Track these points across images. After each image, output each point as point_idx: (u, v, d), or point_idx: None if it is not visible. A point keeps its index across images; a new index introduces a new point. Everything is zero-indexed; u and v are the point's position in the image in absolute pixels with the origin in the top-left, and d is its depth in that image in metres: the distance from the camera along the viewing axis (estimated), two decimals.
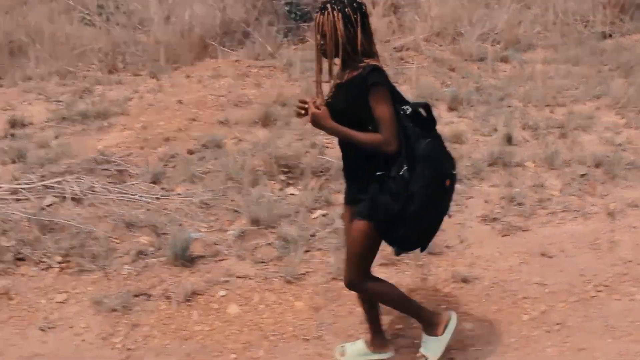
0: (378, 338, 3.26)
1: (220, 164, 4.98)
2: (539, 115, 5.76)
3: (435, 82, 6.45)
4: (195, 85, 6.58)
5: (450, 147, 5.08)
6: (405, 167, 2.69)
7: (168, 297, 3.80)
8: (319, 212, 4.48)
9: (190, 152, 5.30)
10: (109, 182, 4.83)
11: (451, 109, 5.90)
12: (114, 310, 3.69)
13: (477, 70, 6.89)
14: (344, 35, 2.67)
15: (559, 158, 4.93)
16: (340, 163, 3.03)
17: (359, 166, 2.86)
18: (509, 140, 5.21)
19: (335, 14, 2.66)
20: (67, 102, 6.45)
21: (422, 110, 2.83)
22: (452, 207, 3.08)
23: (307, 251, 4.10)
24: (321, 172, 4.88)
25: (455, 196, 4.44)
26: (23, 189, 4.80)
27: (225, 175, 4.83)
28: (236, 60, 7.12)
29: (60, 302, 3.85)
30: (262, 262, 4.04)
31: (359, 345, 3.27)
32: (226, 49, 7.57)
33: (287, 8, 8.15)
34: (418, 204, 2.71)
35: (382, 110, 2.68)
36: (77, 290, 3.91)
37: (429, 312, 3.17)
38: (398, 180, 2.69)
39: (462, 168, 4.87)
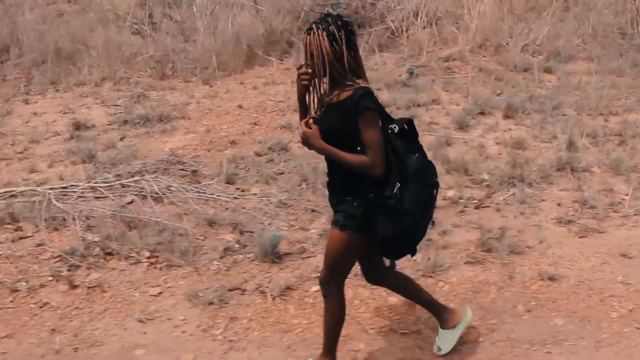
0: (443, 314, 3.33)
1: (292, 166, 5.05)
2: (595, 123, 5.85)
3: (484, 91, 6.54)
4: (251, 91, 6.66)
5: (513, 152, 5.26)
6: (398, 185, 2.73)
7: (262, 292, 3.85)
8: None
9: (258, 154, 5.36)
10: (186, 182, 4.90)
11: (507, 117, 5.98)
12: (211, 303, 3.74)
13: (523, 80, 6.98)
14: (330, 53, 2.67)
15: (624, 164, 5.01)
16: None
17: (340, 181, 2.88)
18: (570, 146, 5.28)
19: (320, 33, 2.67)
20: (125, 106, 6.53)
21: (405, 126, 2.86)
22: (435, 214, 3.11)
23: None
24: None
25: (527, 199, 4.59)
26: (100, 187, 4.86)
27: (299, 176, 4.90)
28: (287, 68, 7.21)
29: (154, 295, 3.90)
30: None
31: (441, 334, 3.34)
32: (271, 58, 7.68)
33: None
34: (413, 217, 2.78)
35: (370, 134, 2.69)
36: (169, 284, 3.97)
37: (334, 351, 3.17)
38: (395, 198, 2.73)
39: (529, 172, 4.96)
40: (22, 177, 5.25)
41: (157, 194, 4.69)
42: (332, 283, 3.02)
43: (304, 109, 2.89)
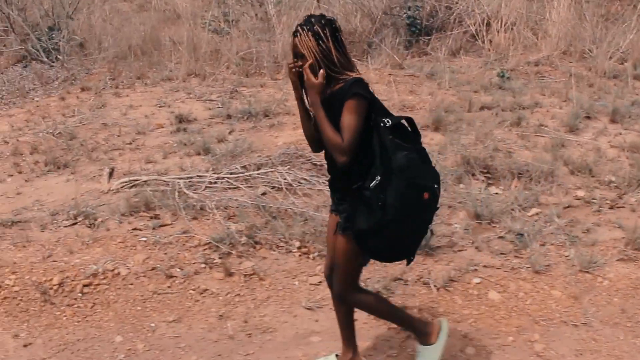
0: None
1: None
2: None
3: (581, 96, 6.64)
4: None
5: (631, 156, 5.35)
6: (379, 179, 2.68)
7: (425, 283, 3.92)
8: (534, 210, 4.63)
9: None
10: (312, 175, 4.98)
11: (613, 121, 6.08)
12: (378, 292, 3.81)
13: (614, 86, 7.09)
14: (318, 51, 2.70)
15: None
16: None
17: (339, 177, 2.87)
18: None
19: (305, 33, 2.71)
20: (222, 101, 6.62)
21: (405, 123, 2.82)
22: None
23: (541, 245, 4.24)
24: (519, 173, 5.03)
25: None
26: (229, 178, 4.94)
27: None
28: (377, 69, 7.31)
29: (314, 284, 3.97)
30: (502, 254, 4.17)
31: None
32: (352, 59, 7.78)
33: (407, 22, 8.39)
34: (390, 215, 2.69)
35: (350, 119, 2.66)
36: (318, 275, 4.03)
37: (419, 322, 3.13)
38: (371, 190, 2.69)
39: None
40: (140, 167, 5.33)
41: (291, 185, 4.77)
42: (350, 294, 2.98)
43: (305, 111, 2.89)
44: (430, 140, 5.65)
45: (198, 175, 4.99)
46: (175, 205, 4.60)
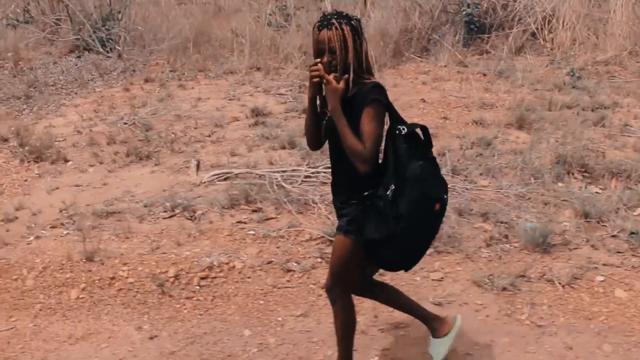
0: (434, 323, 3.21)
1: (508, 159, 5.16)
2: None
3: None
4: (420, 86, 6.78)
5: None
6: (393, 187, 2.63)
7: (549, 280, 3.92)
8: (639, 210, 4.65)
9: (462, 148, 5.46)
10: None
11: None
12: (504, 289, 3.82)
13: None
14: (352, 48, 2.61)
15: None
16: None
17: (344, 181, 2.82)
18: None
19: (345, 28, 2.59)
20: (293, 96, 6.63)
21: (419, 132, 2.78)
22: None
23: None
24: (618, 173, 5.06)
25: None
26: (326, 173, 4.94)
27: (524, 170, 5.00)
28: (444, 66, 7.33)
29: (437, 280, 3.97)
30: (619, 252, 4.18)
31: (432, 343, 3.23)
32: (413, 56, 7.81)
33: (466, 19, 8.41)
34: (404, 225, 2.64)
35: (371, 127, 2.60)
36: (446, 270, 4.04)
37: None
38: (385, 199, 2.64)
39: None
40: (227, 160, 5.33)
41: None
42: (338, 290, 2.96)
43: (314, 111, 2.79)
44: (516, 139, 5.67)
45: (293, 169, 4.98)
46: (277, 198, 4.60)
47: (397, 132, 2.68)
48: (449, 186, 4.44)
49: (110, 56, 7.85)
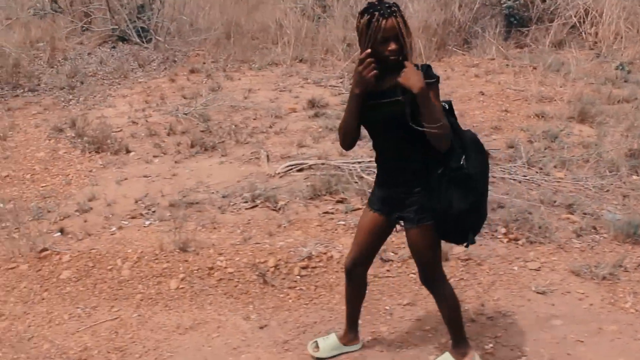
0: (352, 332, 3.39)
1: (585, 153, 5.29)
2: None
3: None
4: (474, 79, 6.89)
5: None
6: (464, 157, 2.75)
7: None
8: None
9: (530, 141, 5.59)
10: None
11: None
12: (604, 278, 3.94)
13: None
14: (409, 37, 2.67)
15: None
16: None
17: (405, 172, 2.86)
18: None
19: (400, 18, 2.63)
20: (346, 87, 6.71)
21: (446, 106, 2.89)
22: None
23: None
24: None
25: None
26: None
27: (601, 163, 5.13)
28: (492, 58, 7.45)
29: (534, 269, 4.09)
30: None
31: (331, 340, 3.38)
32: (454, 49, 7.94)
33: (506, 12, 8.55)
34: (482, 185, 2.81)
35: (439, 105, 2.70)
36: (542, 260, 4.15)
37: (465, 337, 3.21)
38: (463, 168, 2.73)
39: None
40: (295, 151, 5.40)
41: None
42: (436, 278, 3.04)
43: (357, 106, 2.76)
44: (579, 132, 5.81)
45: (369, 160, 5.07)
46: (361, 189, 4.68)
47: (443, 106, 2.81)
48: (526, 177, 4.61)
49: (147, 47, 7.88)
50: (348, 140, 2.91)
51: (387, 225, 3.04)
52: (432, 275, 3.03)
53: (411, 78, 2.62)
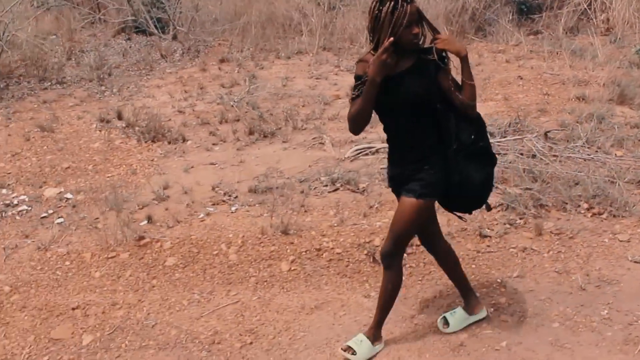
0: (472, 300, 3.58)
1: (638, 132, 5.63)
2: None
3: None
4: (505, 64, 7.18)
5: None
6: (475, 131, 3.04)
7: None
8: None
9: (578, 122, 5.90)
10: (548, 144, 5.37)
11: None
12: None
13: None
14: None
15: None
16: None
17: (416, 149, 3.05)
18: None
19: (414, 4, 2.83)
20: None
21: None
22: None
23: None
24: None
25: None
26: None
27: None
28: (516, 45, 7.76)
29: (624, 240, 4.36)
30: None
31: (458, 313, 3.56)
32: (472, 36, 8.24)
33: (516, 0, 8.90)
34: (492, 155, 3.16)
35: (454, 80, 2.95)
36: (629, 232, 4.43)
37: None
38: (474, 142, 3.02)
39: None
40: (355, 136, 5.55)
41: (543, 152, 5.15)
42: (396, 254, 3.21)
43: (374, 93, 2.95)
44: (621, 113, 6.15)
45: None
46: None
47: None
48: (590, 156, 4.86)
49: (165, 38, 7.88)
50: (363, 125, 3.14)
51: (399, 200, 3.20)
52: (395, 250, 3.19)
53: (455, 43, 2.89)
